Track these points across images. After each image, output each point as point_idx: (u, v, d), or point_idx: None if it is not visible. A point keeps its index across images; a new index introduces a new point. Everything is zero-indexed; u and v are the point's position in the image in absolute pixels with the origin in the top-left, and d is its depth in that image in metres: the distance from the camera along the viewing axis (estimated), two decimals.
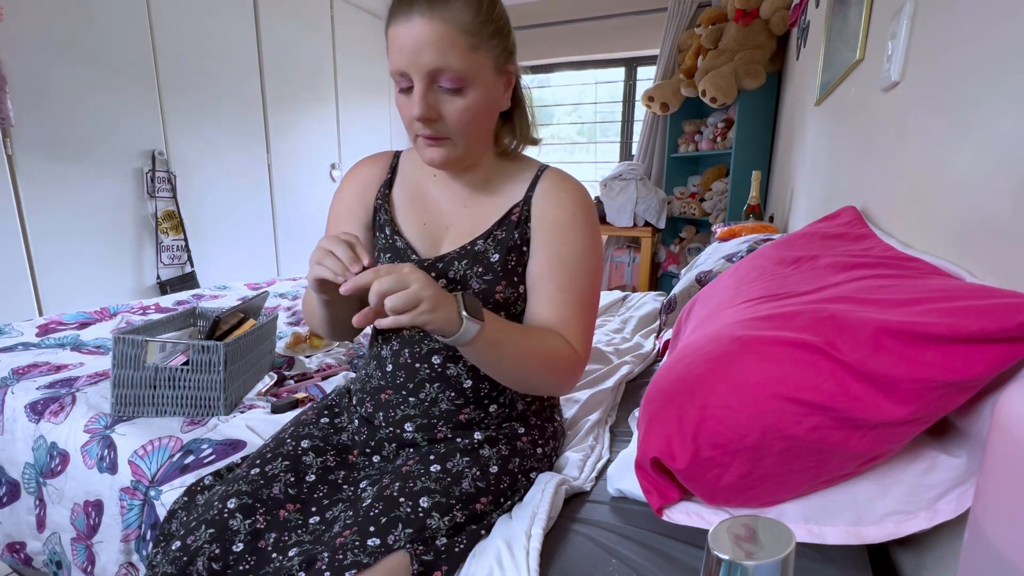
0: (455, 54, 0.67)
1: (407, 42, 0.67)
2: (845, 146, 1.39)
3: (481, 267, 0.79)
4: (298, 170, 3.34)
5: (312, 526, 0.71)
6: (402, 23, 0.67)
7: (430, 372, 0.81)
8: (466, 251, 0.80)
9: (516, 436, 0.83)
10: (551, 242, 0.80)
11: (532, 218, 0.81)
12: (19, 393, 1.10)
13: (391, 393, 0.82)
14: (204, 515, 0.68)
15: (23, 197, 2.09)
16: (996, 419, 0.42)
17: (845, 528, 0.57)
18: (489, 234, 0.80)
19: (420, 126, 0.72)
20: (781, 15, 2.75)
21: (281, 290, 2.08)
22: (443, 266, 0.80)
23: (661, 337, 1.46)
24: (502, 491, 0.76)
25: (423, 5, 0.66)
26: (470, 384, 0.81)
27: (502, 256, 0.79)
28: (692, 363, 0.63)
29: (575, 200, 0.82)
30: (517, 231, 0.80)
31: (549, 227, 0.80)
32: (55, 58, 2.13)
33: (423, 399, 0.81)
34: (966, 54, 0.72)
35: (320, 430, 0.84)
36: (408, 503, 0.67)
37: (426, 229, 0.84)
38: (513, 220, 0.81)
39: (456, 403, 0.81)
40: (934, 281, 0.62)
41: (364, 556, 0.60)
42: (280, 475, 0.74)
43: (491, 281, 0.79)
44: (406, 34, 0.66)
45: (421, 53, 0.66)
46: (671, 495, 0.64)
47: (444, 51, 0.66)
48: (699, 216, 3.50)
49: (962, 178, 0.70)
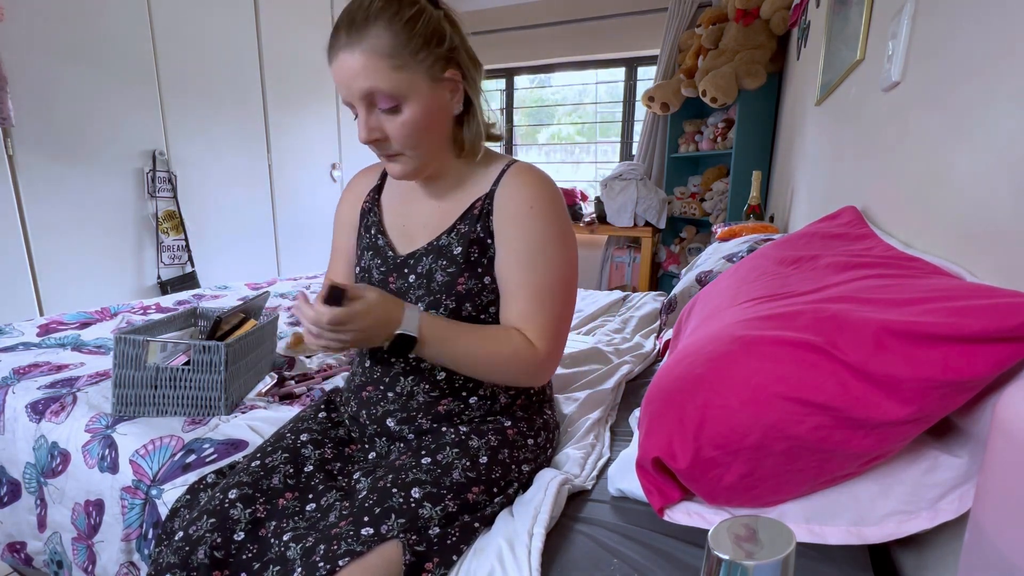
0: (380, 77, 0.71)
1: (340, 76, 0.73)
2: (845, 146, 1.39)
3: (445, 260, 0.82)
4: (299, 170, 3.34)
5: (308, 513, 0.73)
6: (334, 60, 0.73)
7: (404, 366, 0.84)
8: (432, 246, 0.84)
9: (503, 428, 0.84)
10: (509, 237, 0.81)
11: (494, 211, 0.82)
12: (20, 393, 1.10)
13: (371, 390, 0.86)
14: (206, 506, 0.71)
15: (23, 197, 2.09)
16: (997, 419, 0.42)
17: (846, 528, 0.57)
18: (453, 228, 0.83)
19: (372, 146, 0.78)
20: (781, 15, 2.75)
21: (282, 290, 2.08)
22: (413, 262, 0.85)
23: (661, 337, 1.46)
24: (494, 481, 0.77)
25: (343, 41, 0.72)
26: (443, 375, 0.83)
27: (464, 248, 0.81)
28: (693, 363, 0.63)
29: (533, 192, 0.81)
30: (479, 223, 0.82)
31: (507, 221, 0.81)
32: (56, 58, 2.13)
33: (400, 393, 0.84)
34: (967, 54, 0.72)
35: (319, 424, 0.87)
36: (400, 494, 0.69)
37: (405, 228, 0.89)
38: (475, 213, 0.83)
39: (432, 395, 0.83)
40: (935, 281, 0.62)
41: (357, 545, 0.61)
42: (280, 466, 0.77)
43: (454, 273, 0.81)
44: (338, 69, 0.73)
45: (352, 83, 0.72)
46: (672, 495, 0.65)
47: (369, 76, 0.71)
48: (699, 216, 3.49)
49: (963, 178, 0.70)
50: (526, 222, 0.80)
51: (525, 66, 4.15)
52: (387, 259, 0.87)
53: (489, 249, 0.82)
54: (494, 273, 0.82)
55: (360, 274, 0.91)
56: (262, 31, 2.99)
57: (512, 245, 0.80)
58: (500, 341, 0.78)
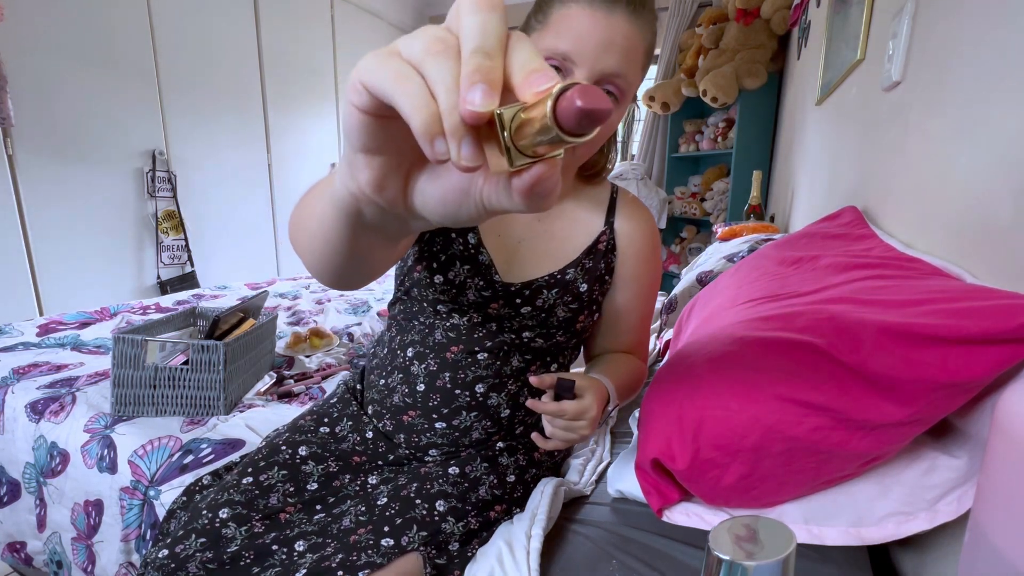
0: (633, 66, 0.63)
1: (598, 33, 0.59)
2: (846, 146, 1.39)
3: (569, 296, 0.76)
4: (298, 170, 3.34)
5: (317, 519, 0.68)
6: (601, 11, 0.60)
7: (470, 400, 0.74)
8: (556, 279, 0.75)
9: (533, 449, 0.82)
10: (636, 276, 0.81)
11: (617, 248, 0.80)
12: (19, 393, 1.10)
13: (417, 415, 0.75)
14: (192, 523, 0.65)
15: (23, 197, 2.09)
16: (996, 420, 0.42)
17: (845, 529, 0.57)
18: (578, 263, 0.76)
19: None
20: (782, 15, 2.75)
21: (281, 290, 2.08)
22: (530, 293, 0.74)
23: (662, 337, 1.46)
24: (516, 500, 0.75)
25: (630, 7, 0.61)
26: (507, 414, 0.77)
27: (590, 286, 0.77)
28: (693, 363, 0.63)
29: (653, 229, 0.84)
30: (603, 260, 0.78)
31: (636, 260, 0.81)
32: (56, 58, 2.13)
33: (456, 426, 0.75)
34: (967, 54, 0.72)
35: (319, 438, 0.78)
36: (424, 505, 0.66)
37: (500, 241, 0.76)
38: (600, 249, 0.78)
39: (489, 432, 0.77)
40: (935, 282, 0.61)
41: (377, 556, 0.60)
42: (278, 485, 0.70)
43: (576, 310, 0.77)
44: (602, 24, 0.59)
45: (608, 50, 0.60)
46: (671, 496, 0.64)
47: (630, 59, 0.62)
48: (700, 216, 3.49)
49: (963, 178, 0.70)
50: (652, 261, 0.82)
51: None
52: (492, 283, 0.73)
53: (606, 285, 0.81)
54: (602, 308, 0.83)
55: (443, 286, 0.73)
56: (262, 31, 2.99)
57: (639, 283, 0.81)
58: (634, 374, 0.82)
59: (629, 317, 0.83)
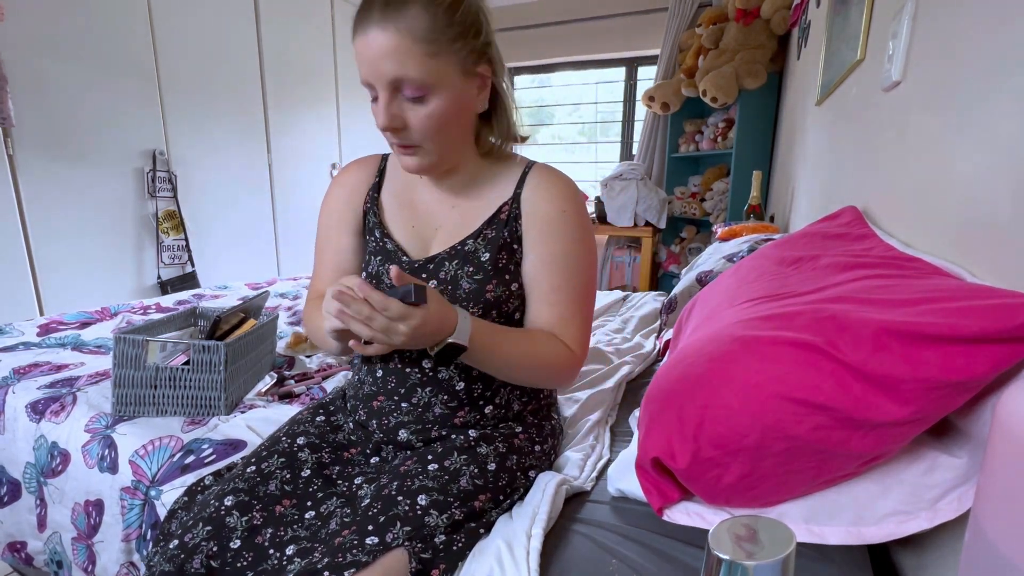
0: (412, 63, 0.67)
1: (366, 54, 0.68)
2: (846, 146, 1.39)
3: (472, 266, 0.79)
4: (298, 170, 3.34)
5: (308, 521, 0.71)
6: (360, 35, 0.68)
7: (421, 376, 0.80)
8: (456, 251, 0.80)
9: (513, 435, 0.83)
10: (542, 240, 0.80)
11: (522, 215, 0.81)
12: (20, 393, 1.10)
13: (383, 400, 0.82)
14: (201, 513, 0.69)
15: (24, 197, 2.09)
16: (997, 419, 0.42)
17: (846, 528, 0.57)
18: (479, 233, 0.80)
19: (390, 135, 0.73)
20: (782, 15, 2.75)
21: (282, 290, 2.08)
22: (433, 267, 0.80)
23: (662, 337, 1.46)
24: (500, 488, 0.76)
25: (378, 16, 0.66)
26: (463, 386, 0.80)
27: (492, 255, 0.79)
28: (693, 363, 0.63)
29: (564, 196, 0.81)
30: (507, 229, 0.80)
31: (540, 224, 0.80)
32: (55, 57, 2.13)
33: (416, 404, 0.80)
34: (967, 54, 0.72)
35: (316, 428, 0.84)
36: (406, 502, 0.67)
37: (415, 231, 0.85)
38: (502, 218, 0.81)
39: (450, 406, 0.80)
40: (935, 281, 0.62)
41: (363, 555, 0.60)
42: (276, 472, 0.75)
43: (481, 280, 0.79)
44: (365, 46, 0.67)
45: (379, 64, 0.67)
46: (671, 495, 0.64)
47: (401, 61, 0.66)
48: (700, 216, 3.49)
49: (963, 178, 0.70)
50: (559, 226, 0.80)
51: (525, 66, 4.15)
52: (401, 264, 0.82)
53: (516, 254, 0.81)
54: (521, 279, 0.82)
55: (368, 279, 0.84)
56: (262, 31, 2.99)
57: (545, 250, 0.80)
58: (542, 348, 0.78)
59: (539, 286, 0.80)
